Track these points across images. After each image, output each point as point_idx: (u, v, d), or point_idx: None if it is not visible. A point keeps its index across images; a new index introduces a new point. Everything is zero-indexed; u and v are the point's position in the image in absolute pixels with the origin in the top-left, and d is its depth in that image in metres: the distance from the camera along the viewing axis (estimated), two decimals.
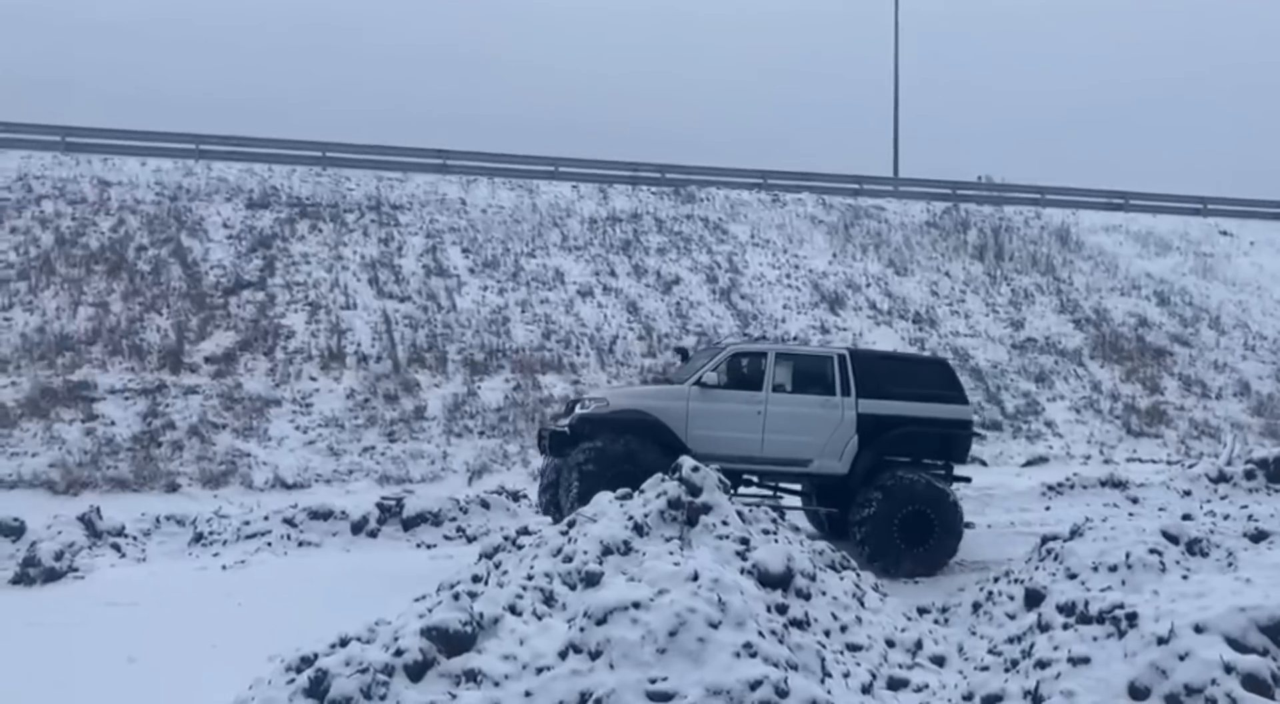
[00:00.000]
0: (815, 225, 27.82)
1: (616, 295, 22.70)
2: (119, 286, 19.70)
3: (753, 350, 12.02)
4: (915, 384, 11.85)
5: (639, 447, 10.90)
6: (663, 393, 11.77)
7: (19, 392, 16.40)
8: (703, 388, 11.34)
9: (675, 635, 4.95)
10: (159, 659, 8.19)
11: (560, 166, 28.46)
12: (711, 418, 11.29)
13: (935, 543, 10.99)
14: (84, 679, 7.74)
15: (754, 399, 11.45)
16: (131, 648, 8.46)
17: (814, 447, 11.43)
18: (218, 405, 16.97)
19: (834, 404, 11.53)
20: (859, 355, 12.12)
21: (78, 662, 8.19)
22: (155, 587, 10.65)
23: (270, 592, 10.46)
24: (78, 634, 9.02)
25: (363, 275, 21.78)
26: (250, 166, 25.53)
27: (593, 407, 11.43)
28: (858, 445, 11.46)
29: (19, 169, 23.22)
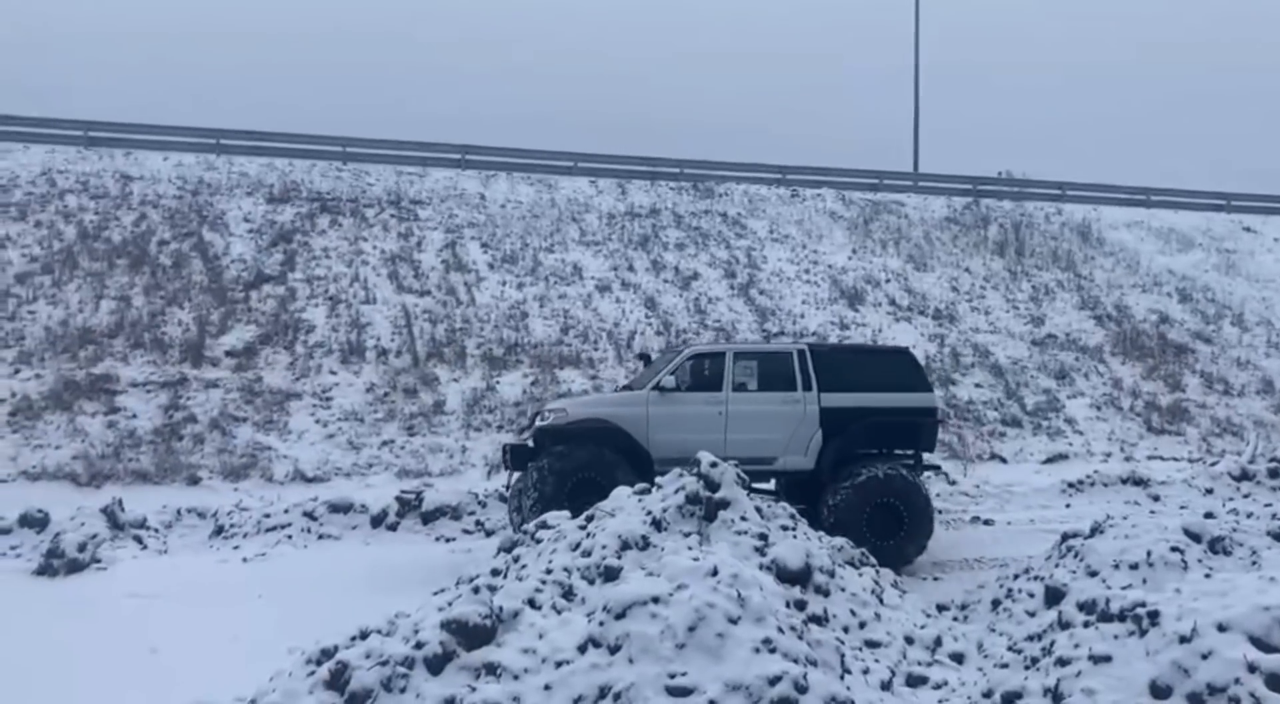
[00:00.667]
0: (835, 221, 27.74)
1: (635, 291, 22.69)
2: (141, 280, 19.82)
3: (711, 351, 11.95)
4: (877, 375, 11.82)
5: (600, 455, 10.90)
6: (622, 399, 11.76)
7: (43, 384, 16.53)
8: (662, 392, 11.35)
9: (694, 631, 4.95)
10: (181, 650, 8.26)
11: (579, 162, 28.48)
12: (673, 421, 11.28)
13: (905, 536, 10.91)
14: (107, 670, 7.81)
15: (714, 400, 11.44)
16: (154, 639, 8.54)
17: (778, 444, 11.43)
18: (238, 399, 17.06)
19: (795, 400, 11.53)
20: (819, 350, 12.05)
21: (101, 652, 8.27)
22: (177, 578, 10.73)
23: (290, 584, 10.52)
24: (100, 625, 9.11)
25: (383, 270, 21.85)
26: (271, 161, 25.65)
27: (552, 418, 11.34)
28: (822, 440, 11.46)
29: (43, 163, 23.38)
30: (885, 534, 10.74)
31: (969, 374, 21.20)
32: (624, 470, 10.80)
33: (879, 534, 10.71)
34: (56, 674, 7.66)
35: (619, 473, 10.69)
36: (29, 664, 7.88)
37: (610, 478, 10.57)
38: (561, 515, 8.84)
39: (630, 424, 11.24)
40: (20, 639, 8.64)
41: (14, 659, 7.98)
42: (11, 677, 7.53)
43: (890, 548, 10.74)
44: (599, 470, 10.74)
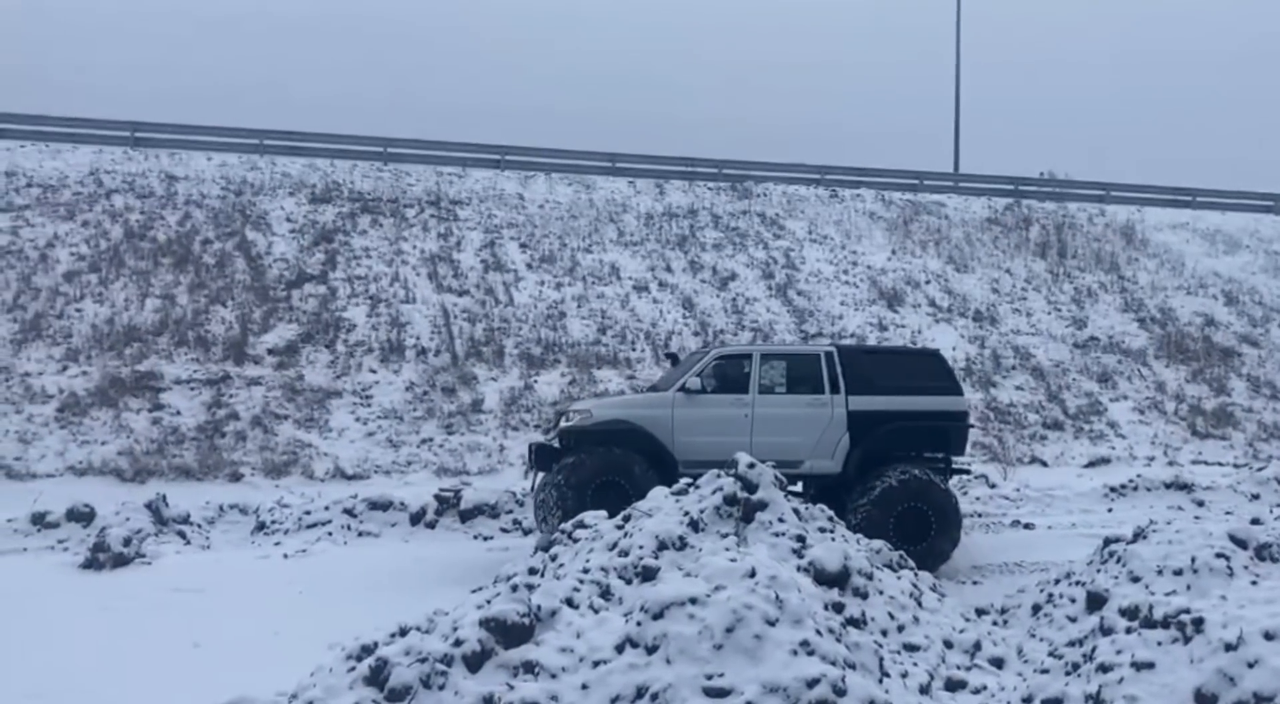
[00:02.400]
0: (874, 221, 27.58)
1: (672, 291, 22.70)
2: (185, 279, 20.10)
3: (737, 352, 11.77)
4: (906, 377, 11.62)
5: (623, 457, 10.78)
6: (647, 401, 11.56)
7: (89, 381, 16.82)
8: (688, 394, 11.18)
9: (732, 632, 4.95)
10: (223, 645, 8.36)
11: (617, 162, 28.52)
12: (697, 423, 11.14)
13: (932, 540, 10.73)
14: (151, 663, 7.92)
15: (740, 402, 11.30)
16: (197, 633, 8.65)
17: (804, 447, 11.27)
18: (280, 396, 17.26)
19: (823, 402, 11.38)
20: (846, 351, 11.86)
21: (145, 645, 8.38)
22: (219, 574, 10.86)
23: (331, 580, 10.63)
24: (145, 619, 9.23)
25: (422, 270, 22.01)
26: (313, 162, 25.91)
27: (576, 419, 11.21)
28: (849, 443, 11.29)
29: (90, 164, 23.77)
30: (912, 539, 10.54)
31: (1010, 376, 21.01)
32: (647, 473, 10.70)
33: (906, 538, 10.51)
34: (102, 666, 7.77)
35: (641, 476, 10.61)
36: (75, 656, 8.01)
37: (633, 481, 10.53)
38: (599, 515, 8.85)
39: (655, 426, 11.13)
40: (67, 632, 8.79)
41: (61, 651, 8.12)
42: (59, 668, 7.66)
43: (917, 553, 10.56)
44: (621, 474, 10.65)
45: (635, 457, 10.84)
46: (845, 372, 11.47)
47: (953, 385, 11.86)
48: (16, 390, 16.38)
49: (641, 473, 10.71)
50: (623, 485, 10.51)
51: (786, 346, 12.90)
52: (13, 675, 7.47)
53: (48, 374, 16.90)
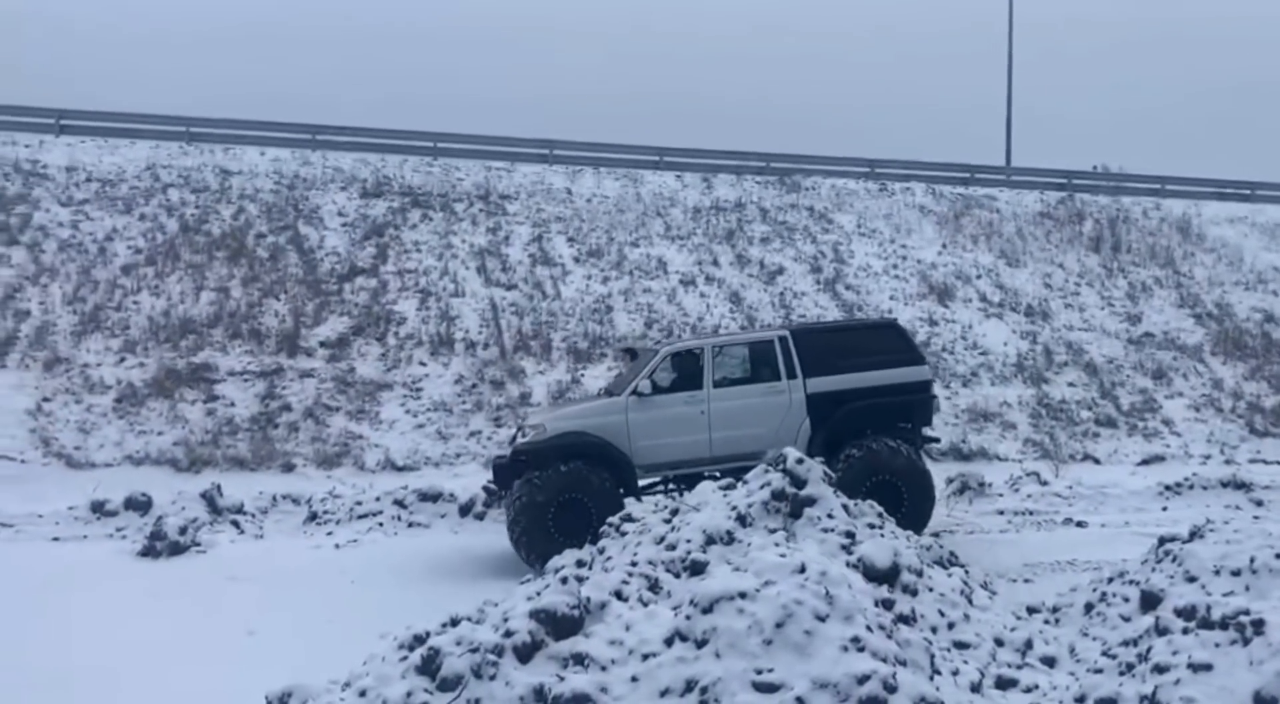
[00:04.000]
0: (924, 215, 27.33)
1: (719, 285, 22.65)
2: (239, 272, 20.40)
3: (688, 348, 11.45)
4: (865, 352, 11.33)
5: (582, 473, 10.51)
6: (599, 409, 11.23)
7: (146, 372, 17.13)
8: (640, 397, 10.90)
9: (782, 627, 4.94)
10: (277, 633, 8.51)
11: (665, 156, 28.50)
12: (654, 426, 10.89)
13: (906, 514, 10.38)
14: (206, 649, 8.08)
15: (695, 399, 11.04)
16: (251, 621, 8.81)
17: (765, 437, 10.92)
18: (332, 389, 17.48)
19: (779, 389, 11.13)
20: (800, 333, 11.55)
21: (201, 632, 8.55)
22: (272, 563, 11.05)
23: (382, 570, 10.77)
24: (200, 606, 9.41)
25: (471, 263, 22.16)
26: (364, 156, 26.15)
27: (530, 435, 10.91)
28: (811, 428, 11.05)
29: (147, 159, 24.19)
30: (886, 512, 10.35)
31: (1062, 373, 20.75)
32: (607, 486, 10.55)
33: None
34: (159, 652, 7.94)
35: (601, 490, 10.46)
36: (134, 642, 8.19)
37: (593, 496, 10.37)
38: (645, 508, 8.88)
39: (610, 433, 10.83)
40: (125, 617, 8.99)
41: (120, 636, 8.31)
42: (118, 653, 7.83)
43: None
44: (580, 490, 10.39)
45: (594, 470, 10.56)
46: (801, 354, 11.18)
47: (914, 355, 11.55)
48: (76, 381, 16.73)
49: (601, 486, 10.50)
50: (584, 502, 10.33)
51: (738, 335, 12.41)
52: (74, 659, 7.66)
53: (106, 365, 17.24)
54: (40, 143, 24.06)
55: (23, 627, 8.56)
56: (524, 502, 10.43)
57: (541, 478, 10.47)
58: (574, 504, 10.33)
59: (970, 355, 21.06)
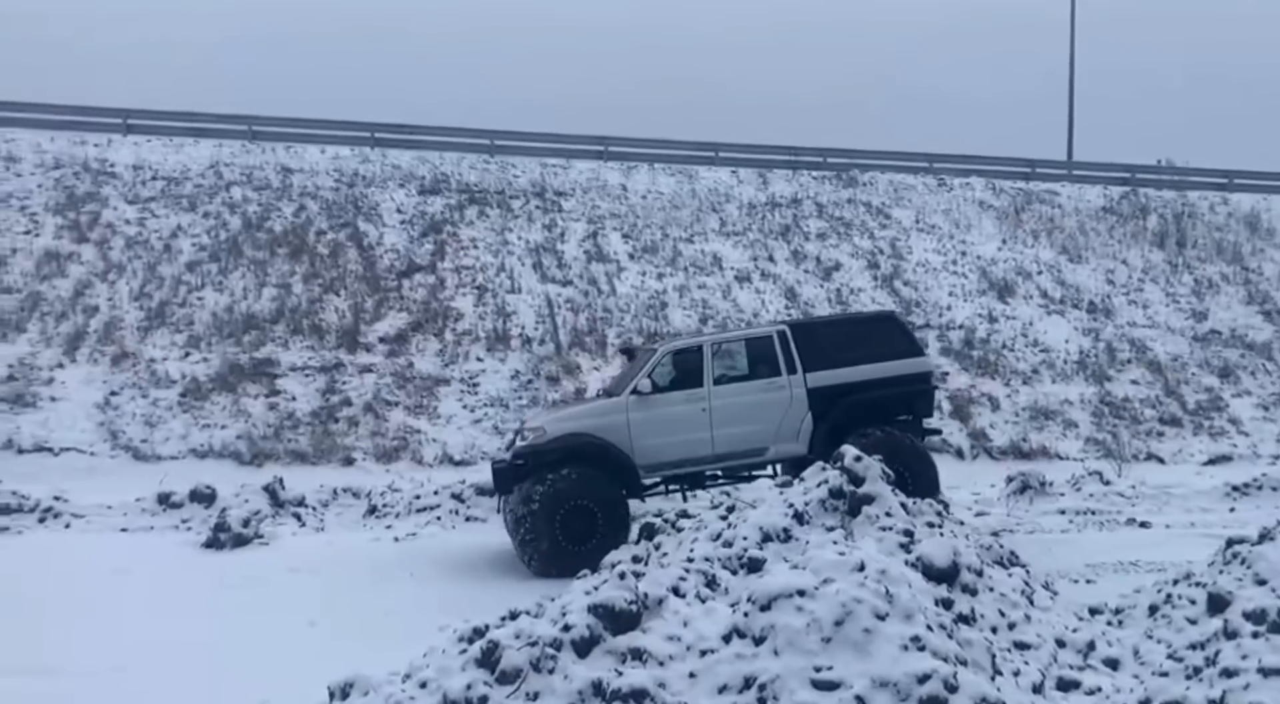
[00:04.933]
0: (984, 210, 26.99)
1: (774, 281, 22.57)
2: (300, 269, 20.73)
3: (687, 346, 11.32)
4: (864, 345, 11.21)
5: (587, 479, 10.33)
6: (599, 409, 11.10)
7: (210, 367, 17.48)
8: (640, 396, 10.72)
9: (841, 625, 4.91)
10: (337, 624, 8.63)
11: (720, 152, 28.43)
12: (655, 425, 10.71)
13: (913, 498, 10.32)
14: (269, 640, 8.21)
15: (696, 396, 10.86)
16: (312, 612, 8.93)
17: (767, 433, 10.87)
18: (391, 384, 17.70)
19: (780, 385, 10.97)
20: (799, 327, 11.42)
21: (263, 623, 8.69)
22: (333, 555, 11.19)
23: (440, 564, 10.88)
24: (263, 597, 9.56)
25: (527, 260, 22.30)
26: (422, 154, 26.41)
27: (531, 438, 10.71)
28: (813, 422, 10.91)
29: (211, 157, 24.64)
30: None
31: (1125, 370, 20.39)
32: (610, 489, 10.42)
33: None
34: (223, 642, 8.09)
35: (606, 495, 10.34)
36: (198, 632, 8.36)
37: (598, 501, 10.25)
38: (701, 504, 8.87)
39: (611, 434, 10.66)
40: (191, 608, 9.17)
41: (185, 626, 8.48)
42: (182, 643, 8.00)
43: None
44: (584, 495, 10.23)
45: (598, 474, 10.42)
46: (800, 349, 11.05)
47: (912, 347, 11.47)
48: (143, 375, 17.12)
49: (605, 491, 10.37)
50: (589, 508, 10.21)
51: (737, 332, 12.26)
52: (141, 647, 7.83)
53: (171, 360, 17.62)
54: (108, 142, 24.63)
55: (92, 615, 8.78)
56: (528, 509, 10.25)
57: (545, 485, 10.27)
58: (579, 510, 10.19)
59: (1031, 352, 20.77)
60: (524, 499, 10.34)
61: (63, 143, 24.07)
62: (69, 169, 22.90)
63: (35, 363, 17.06)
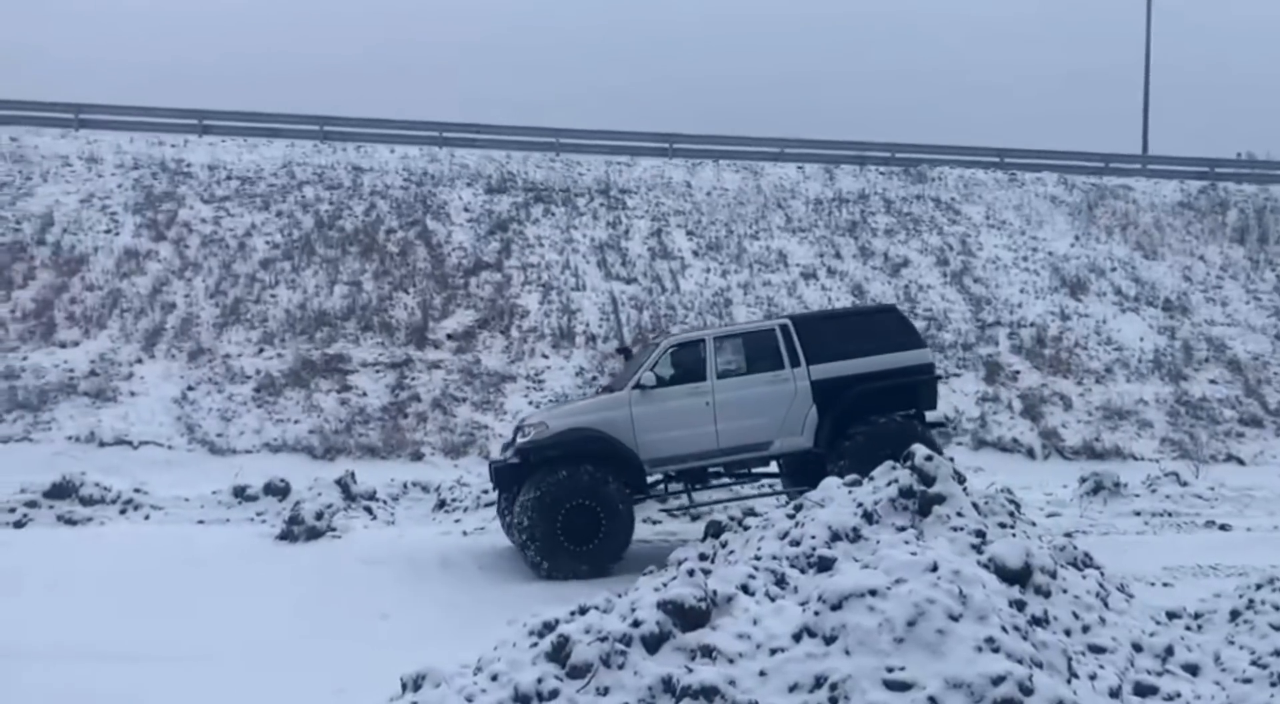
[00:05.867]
0: (1056, 206, 26.50)
1: (841, 278, 22.39)
2: (370, 267, 21.04)
3: (689, 339, 11.17)
4: (866, 338, 11.07)
5: (590, 477, 10.13)
6: (602, 404, 10.91)
7: (283, 363, 17.82)
8: (643, 390, 10.55)
9: (914, 625, 4.86)
10: (408, 616, 8.76)
11: (786, 148, 28.26)
12: (658, 419, 10.53)
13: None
14: (342, 631, 8.36)
15: (699, 390, 10.70)
16: (384, 604, 9.08)
17: (772, 426, 10.69)
18: (458, 380, 17.90)
19: (784, 378, 10.79)
20: (801, 321, 11.28)
21: (336, 614, 8.86)
22: (403, 548, 11.32)
23: (507, 558, 10.96)
24: (336, 589, 9.73)
25: (592, 257, 22.39)
26: (489, 153, 26.64)
27: (532, 434, 10.51)
28: (818, 415, 10.74)
29: (284, 157, 25.10)
30: None
31: (1202, 369, 19.90)
32: (615, 489, 10.23)
33: None
34: (297, 633, 8.25)
35: (609, 493, 10.16)
36: (274, 622, 8.53)
37: (600, 500, 10.09)
38: (768, 503, 8.82)
39: (614, 429, 10.49)
40: (266, 599, 9.35)
41: (261, 617, 8.66)
42: (258, 633, 8.18)
43: None
44: (585, 495, 10.05)
45: (602, 474, 10.21)
46: (803, 342, 10.92)
47: (914, 339, 11.32)
48: (219, 371, 17.51)
49: (608, 490, 10.19)
50: (592, 507, 10.06)
51: (739, 326, 12.12)
52: (218, 636, 8.02)
53: (246, 356, 17.99)
54: (185, 143, 25.20)
55: (173, 604, 8.99)
56: (530, 510, 10.08)
57: (551, 482, 10.12)
58: (580, 509, 10.06)
59: (1104, 351, 20.36)
60: (525, 500, 10.16)
61: (141, 144, 24.69)
62: (147, 169, 23.49)
63: (116, 358, 17.53)
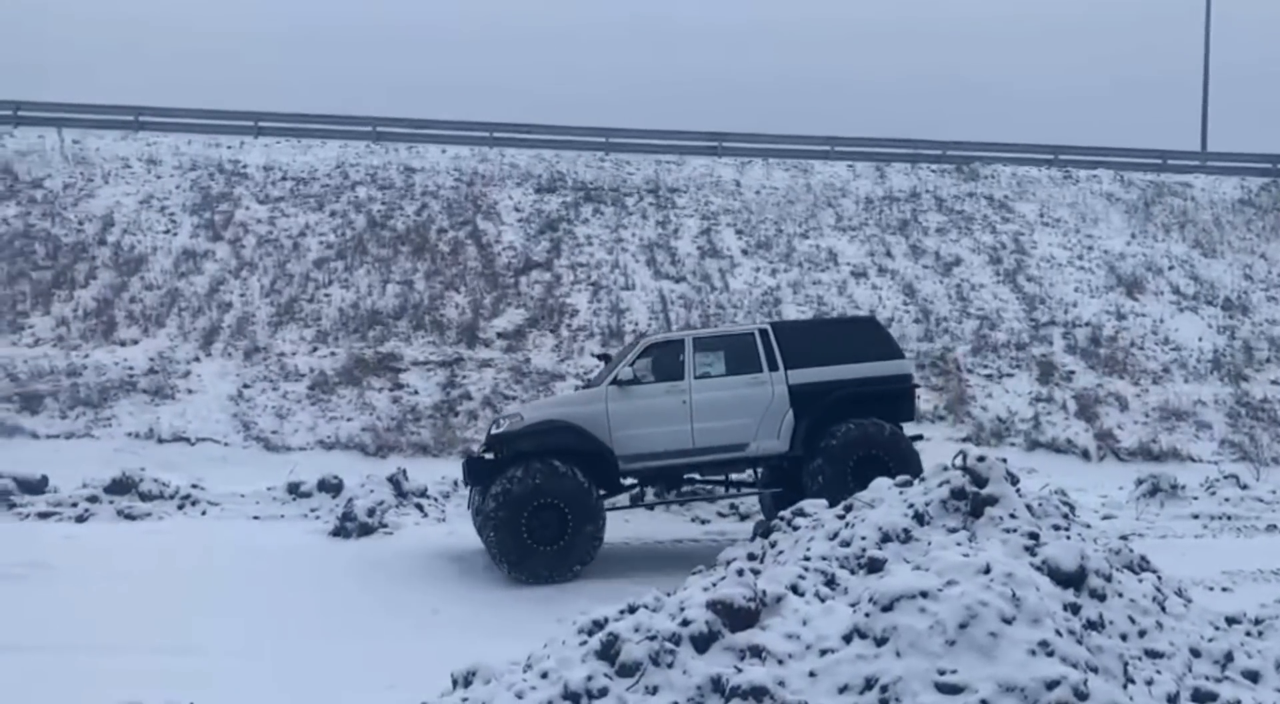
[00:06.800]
0: (1112, 203, 26.08)
1: (892, 277, 22.22)
2: (422, 266, 21.24)
3: (668, 339, 11.22)
4: (844, 346, 11.14)
5: (552, 472, 10.05)
6: (579, 398, 11.05)
7: (336, 361, 18.06)
8: (621, 386, 10.59)
9: (966, 628, 4.82)
10: (459, 611, 8.88)
11: (836, 146, 28.07)
12: (634, 416, 10.55)
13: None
14: (394, 626, 8.48)
15: (677, 389, 10.71)
16: (435, 600, 9.20)
17: (748, 429, 10.72)
18: (508, 378, 18.01)
19: (762, 381, 10.82)
20: (780, 326, 11.37)
21: (388, 609, 8.99)
22: (454, 545, 11.46)
23: None
24: (389, 585, 9.87)
25: (641, 257, 22.41)
26: (539, 153, 26.75)
27: (506, 424, 10.60)
28: (794, 420, 10.74)
29: (337, 157, 25.41)
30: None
31: (1264, 370, 19.50)
32: (581, 485, 10.14)
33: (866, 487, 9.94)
34: (350, 628, 8.38)
35: (578, 493, 10.08)
36: (327, 617, 8.68)
37: (566, 497, 10.01)
38: (819, 503, 8.77)
39: (589, 423, 10.51)
40: (321, 594, 9.51)
41: (315, 611, 8.81)
42: (312, 627, 8.31)
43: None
44: (551, 493, 9.98)
45: (568, 470, 10.13)
46: (782, 347, 10.97)
47: (892, 350, 11.37)
48: (274, 369, 17.78)
49: (576, 488, 10.10)
50: (558, 506, 10.00)
51: (719, 329, 12.16)
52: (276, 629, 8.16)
53: (300, 354, 18.25)
54: (240, 144, 25.61)
55: (230, 598, 9.16)
56: (495, 508, 10.01)
57: (513, 481, 10.04)
58: (546, 508, 10.00)
59: (1161, 351, 20.02)
60: (492, 498, 10.10)
61: (199, 145, 25.13)
62: (204, 170, 23.90)
63: (174, 357, 17.86)
